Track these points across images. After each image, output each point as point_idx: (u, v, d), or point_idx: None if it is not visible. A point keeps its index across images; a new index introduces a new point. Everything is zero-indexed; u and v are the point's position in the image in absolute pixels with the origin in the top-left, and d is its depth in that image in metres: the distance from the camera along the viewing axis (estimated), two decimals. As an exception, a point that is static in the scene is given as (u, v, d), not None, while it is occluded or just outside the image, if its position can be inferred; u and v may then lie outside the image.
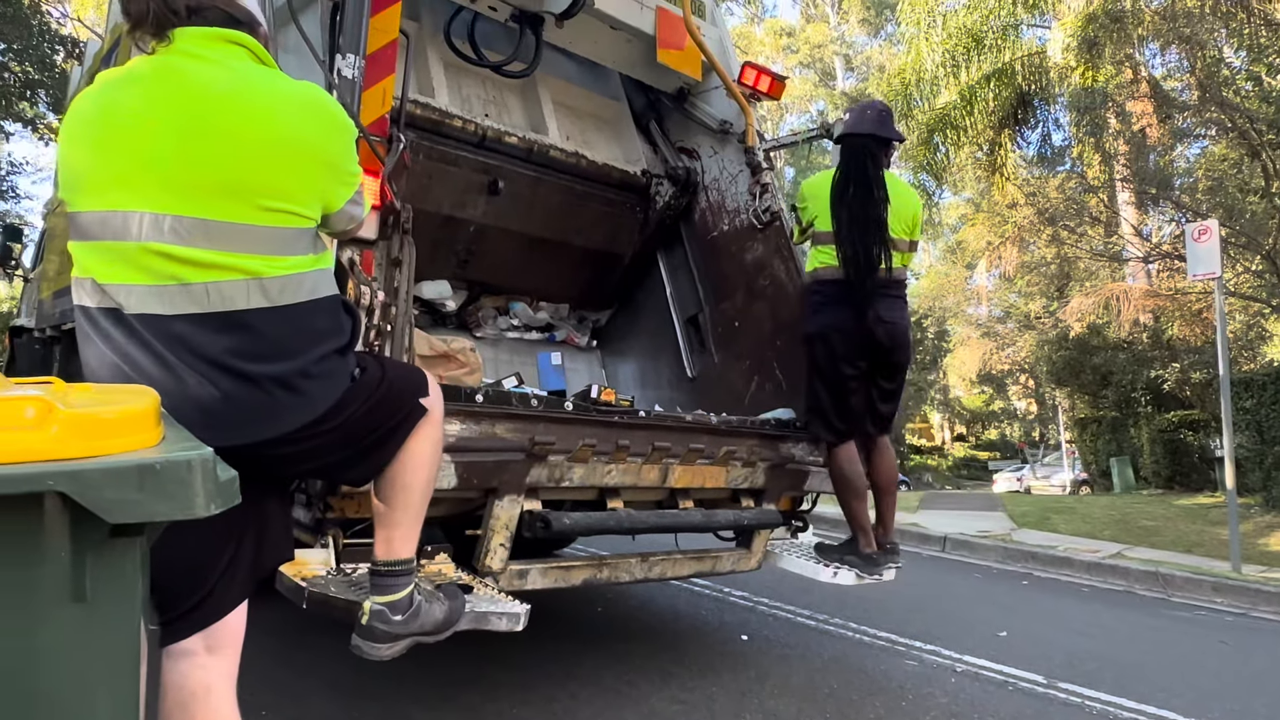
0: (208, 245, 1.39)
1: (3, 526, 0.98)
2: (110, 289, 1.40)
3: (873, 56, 34.13)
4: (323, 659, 3.11)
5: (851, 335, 3.19)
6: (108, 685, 1.10)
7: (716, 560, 3.35)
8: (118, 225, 1.39)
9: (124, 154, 1.39)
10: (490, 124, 3.85)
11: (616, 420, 2.81)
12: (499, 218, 4.18)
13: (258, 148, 1.42)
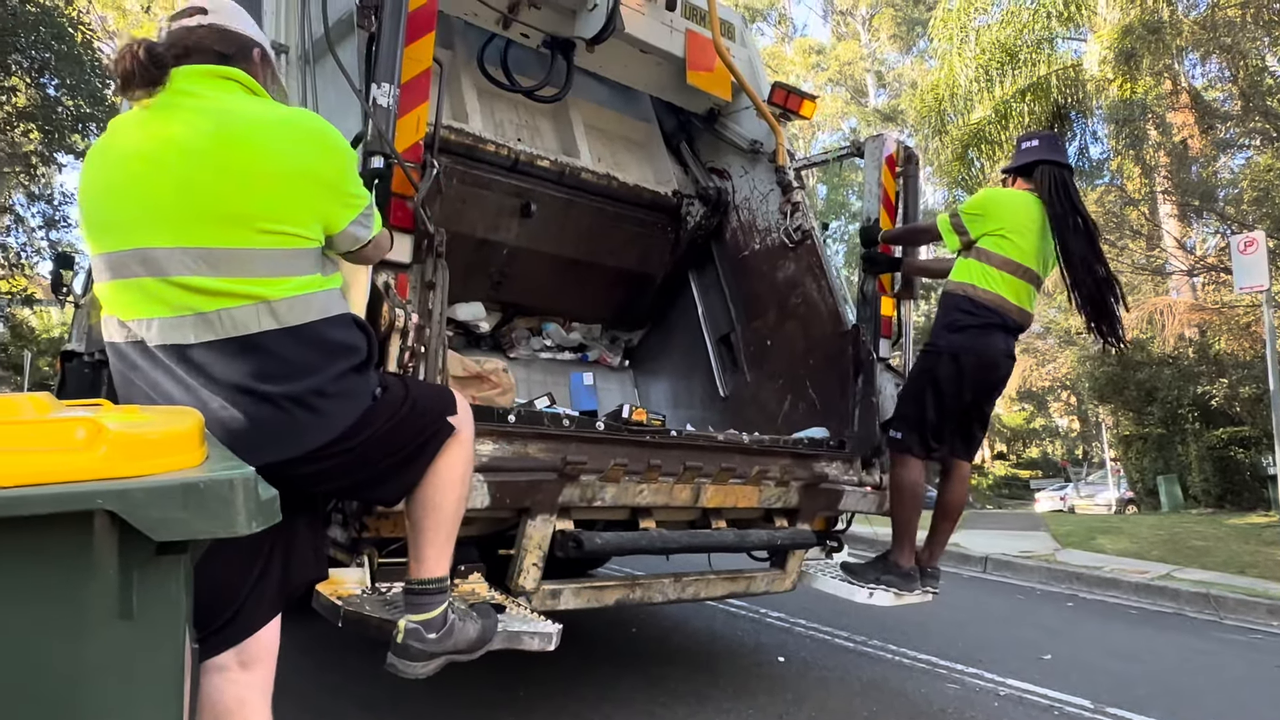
0: (214, 273, 1.46)
1: (54, 544, 1.01)
2: (133, 324, 1.49)
3: (904, 73, 34.02)
4: (355, 679, 3.13)
5: (985, 366, 3.16)
6: (154, 702, 1.12)
7: (750, 581, 3.31)
8: (133, 263, 1.47)
9: (131, 196, 1.47)
10: (523, 148, 3.88)
11: (648, 440, 2.82)
12: (532, 240, 4.21)
13: (251, 176, 1.48)
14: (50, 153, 13.57)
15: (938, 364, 3.18)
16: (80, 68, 11.21)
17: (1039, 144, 3.37)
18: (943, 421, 3.19)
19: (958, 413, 3.20)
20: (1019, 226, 3.16)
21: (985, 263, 3.17)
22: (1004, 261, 3.14)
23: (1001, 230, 3.16)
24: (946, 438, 3.23)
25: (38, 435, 1.04)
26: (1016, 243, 3.14)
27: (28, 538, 1.00)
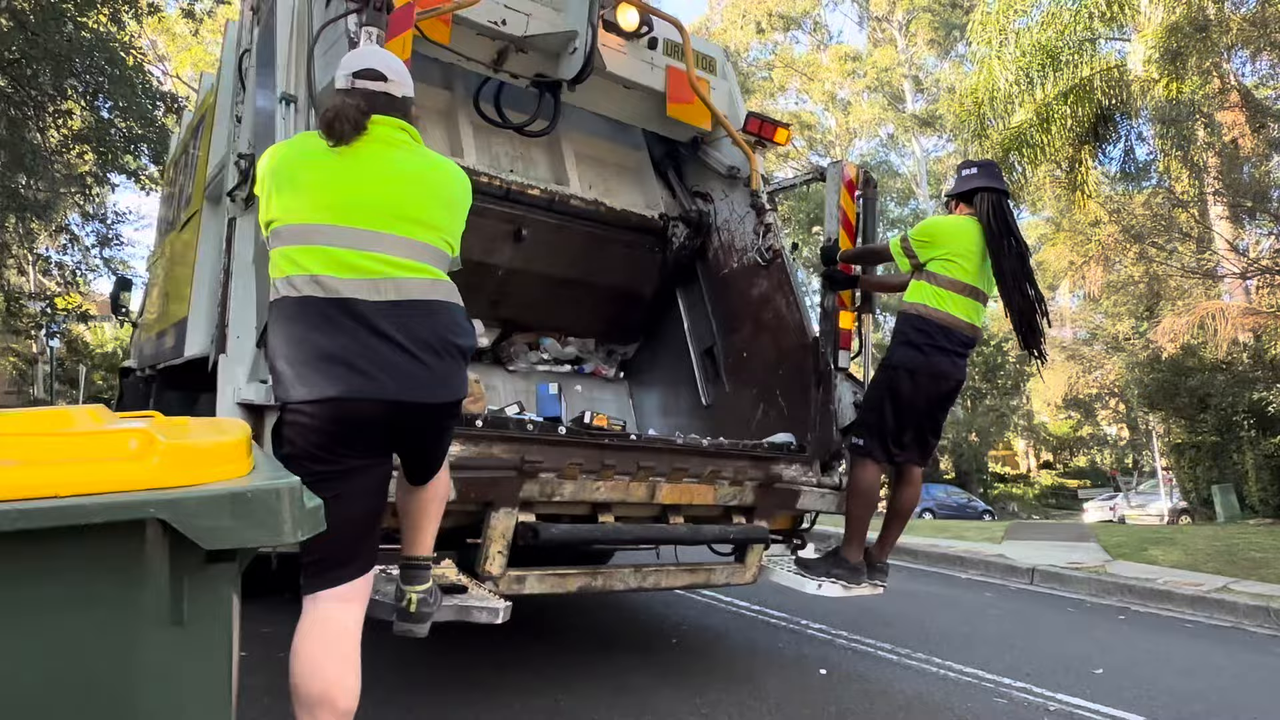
0: (403, 255, 1.97)
1: (108, 551, 1.04)
2: (324, 280, 1.90)
3: (942, 78, 33.64)
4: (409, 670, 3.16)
5: (938, 379, 3.45)
6: (203, 707, 1.14)
7: (711, 573, 3.60)
8: (343, 236, 1.93)
9: (341, 193, 1.97)
10: (514, 178, 4.23)
11: (605, 442, 3.11)
12: (525, 262, 4.53)
13: (437, 197, 2.09)
14: (104, 173, 14.00)
15: (895, 377, 3.47)
16: (132, 91, 11.55)
17: (979, 172, 3.65)
18: (901, 429, 3.48)
19: (914, 422, 3.50)
20: (963, 250, 3.46)
21: (935, 284, 3.47)
22: (951, 283, 3.44)
23: (947, 254, 3.46)
24: (905, 444, 3.51)
25: (93, 446, 1.07)
26: (962, 265, 3.44)
27: (84, 545, 1.03)
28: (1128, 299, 21.43)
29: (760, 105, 37.38)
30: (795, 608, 5.21)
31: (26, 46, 10.72)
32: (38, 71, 11.13)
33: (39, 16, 10.56)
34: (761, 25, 36.47)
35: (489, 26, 3.79)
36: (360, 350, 1.88)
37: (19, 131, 11.67)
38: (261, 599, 4.26)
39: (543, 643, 3.95)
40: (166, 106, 12.64)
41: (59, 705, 1.04)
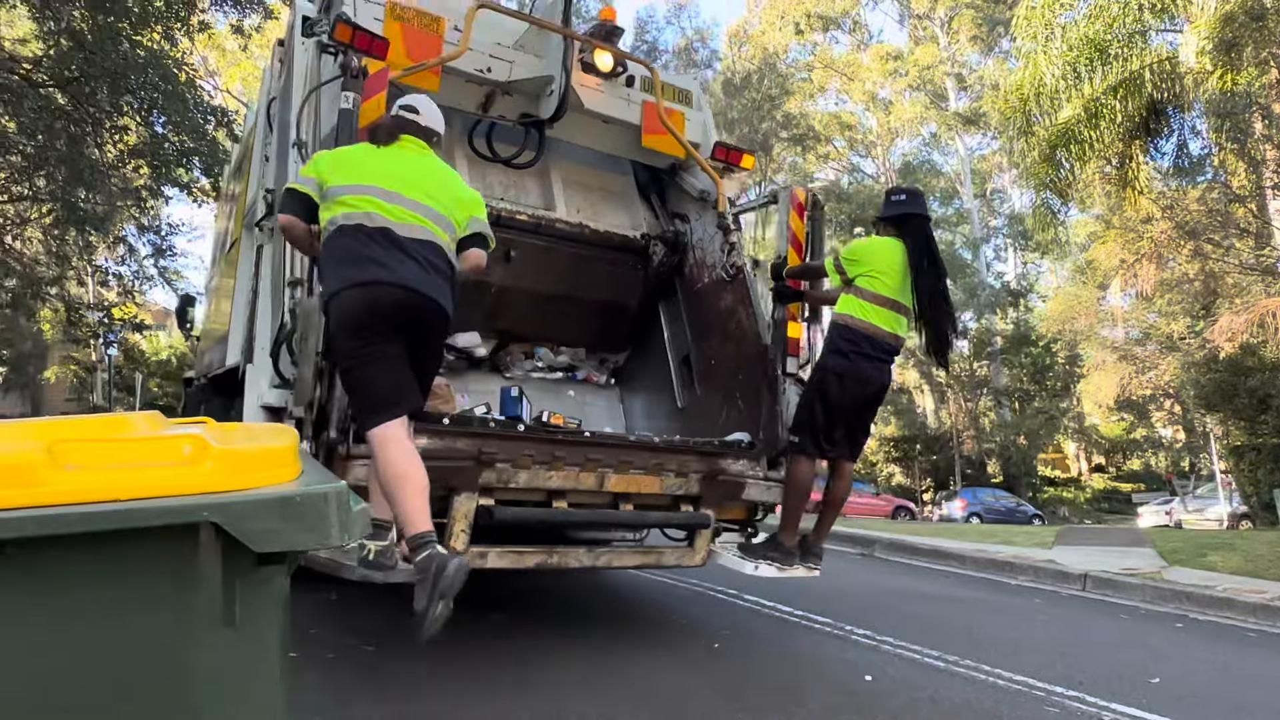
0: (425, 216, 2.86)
1: (165, 554, 1.07)
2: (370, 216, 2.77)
3: (986, 75, 33.08)
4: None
5: (862, 382, 3.86)
6: (256, 707, 1.17)
7: (661, 555, 4.07)
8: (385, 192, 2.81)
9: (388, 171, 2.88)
10: (503, 205, 4.75)
11: (558, 438, 3.59)
12: (516, 279, 5.00)
13: (442, 186, 2.98)
14: (158, 187, 14.42)
15: (824, 380, 3.88)
16: (184, 106, 11.89)
17: (907, 199, 4.09)
18: (832, 427, 3.86)
19: (843, 420, 3.90)
20: (887, 268, 3.88)
21: (860, 298, 3.89)
22: (874, 296, 3.86)
23: (872, 271, 3.88)
24: (836, 440, 3.91)
25: (149, 451, 1.11)
26: (885, 281, 3.86)
27: (142, 548, 1.06)
28: (1182, 297, 20.82)
29: (799, 106, 37.16)
30: (839, 613, 5.15)
31: (85, 65, 11.09)
32: (95, 89, 11.51)
33: (96, 36, 10.92)
34: (800, 26, 36.24)
35: (476, 74, 4.34)
36: (388, 257, 2.73)
37: (78, 147, 12.07)
38: (308, 601, 4.35)
39: (582, 646, 3.96)
40: (217, 121, 12.98)
41: (121, 705, 1.07)
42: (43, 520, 1.00)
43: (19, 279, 16.06)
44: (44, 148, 11.85)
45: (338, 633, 3.75)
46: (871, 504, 25.01)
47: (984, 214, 35.31)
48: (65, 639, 1.04)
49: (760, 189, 37.57)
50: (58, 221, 14.34)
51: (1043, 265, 38.99)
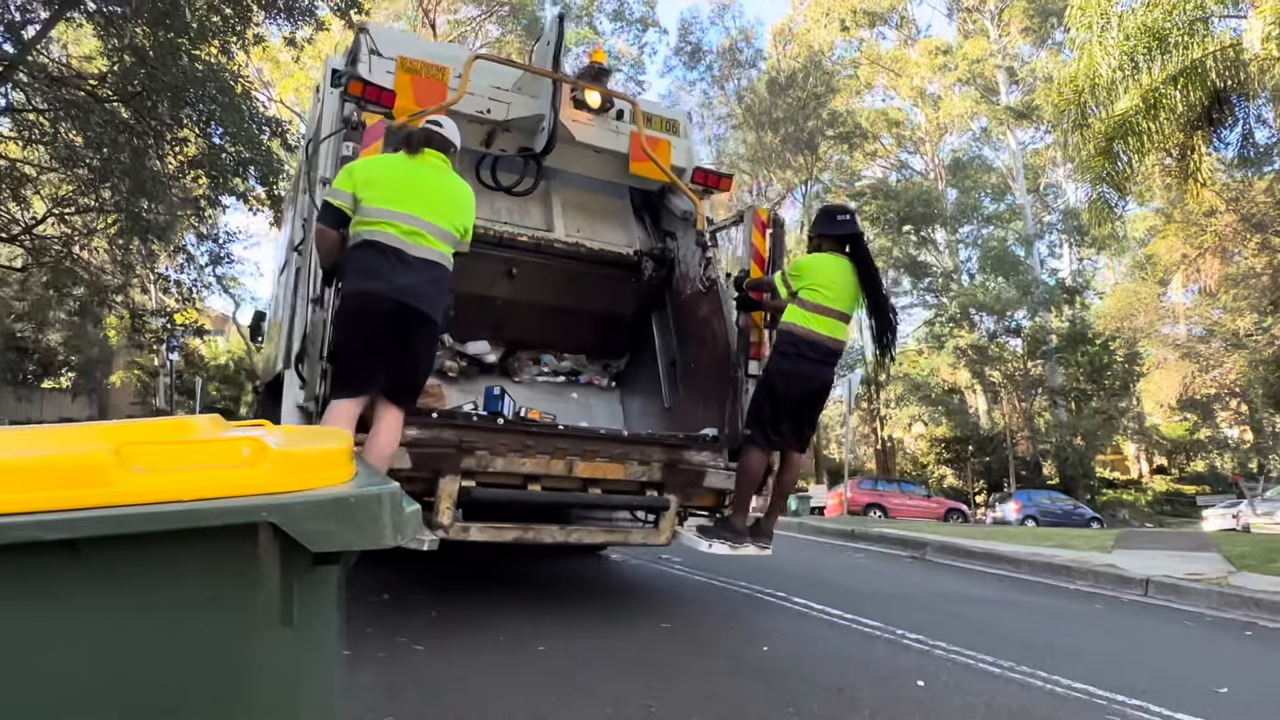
0: (437, 239, 3.48)
1: (226, 554, 1.10)
2: (386, 236, 3.38)
3: (1038, 67, 32.33)
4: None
5: (806, 381, 4.39)
6: (312, 705, 1.20)
7: (628, 534, 4.59)
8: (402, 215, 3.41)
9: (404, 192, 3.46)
10: (506, 228, 5.32)
11: (532, 429, 4.16)
12: (518, 293, 5.61)
13: (451, 202, 3.57)
14: (216, 196, 14.85)
15: (771, 380, 4.40)
16: (241, 117, 12.23)
17: (850, 219, 4.65)
18: (779, 421, 4.36)
19: (789, 415, 4.39)
20: (827, 281, 4.40)
21: (803, 308, 4.38)
22: (815, 306, 4.36)
23: (813, 284, 4.39)
24: (783, 433, 4.40)
25: (210, 453, 1.14)
26: (825, 293, 4.38)
27: (203, 548, 1.09)
28: (1249, 292, 20.07)
29: (845, 104, 36.75)
30: (890, 616, 5.07)
31: (147, 80, 11.48)
32: (157, 103, 11.91)
33: (157, 51, 11.29)
34: (846, 23, 35.85)
35: (477, 115, 4.93)
36: (392, 272, 3.34)
37: (141, 160, 12.49)
38: (361, 602, 4.43)
39: (632, 645, 3.97)
40: (271, 131, 13.32)
41: (184, 700, 1.10)
42: (112, 520, 1.03)
43: (86, 287, 16.69)
44: (109, 161, 12.28)
45: (389, 633, 3.82)
46: (923, 506, 24.61)
47: (1037, 209, 34.49)
48: (131, 635, 1.08)
49: (806, 188, 37.27)
50: (122, 231, 14.87)
51: (1099, 261, 37.97)
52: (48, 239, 15.88)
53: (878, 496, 24.84)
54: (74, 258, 16.10)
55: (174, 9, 11.26)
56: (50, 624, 1.05)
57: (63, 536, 1.01)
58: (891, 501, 24.61)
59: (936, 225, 32.99)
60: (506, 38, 31.57)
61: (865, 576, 7.54)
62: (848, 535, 11.67)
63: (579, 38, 32.83)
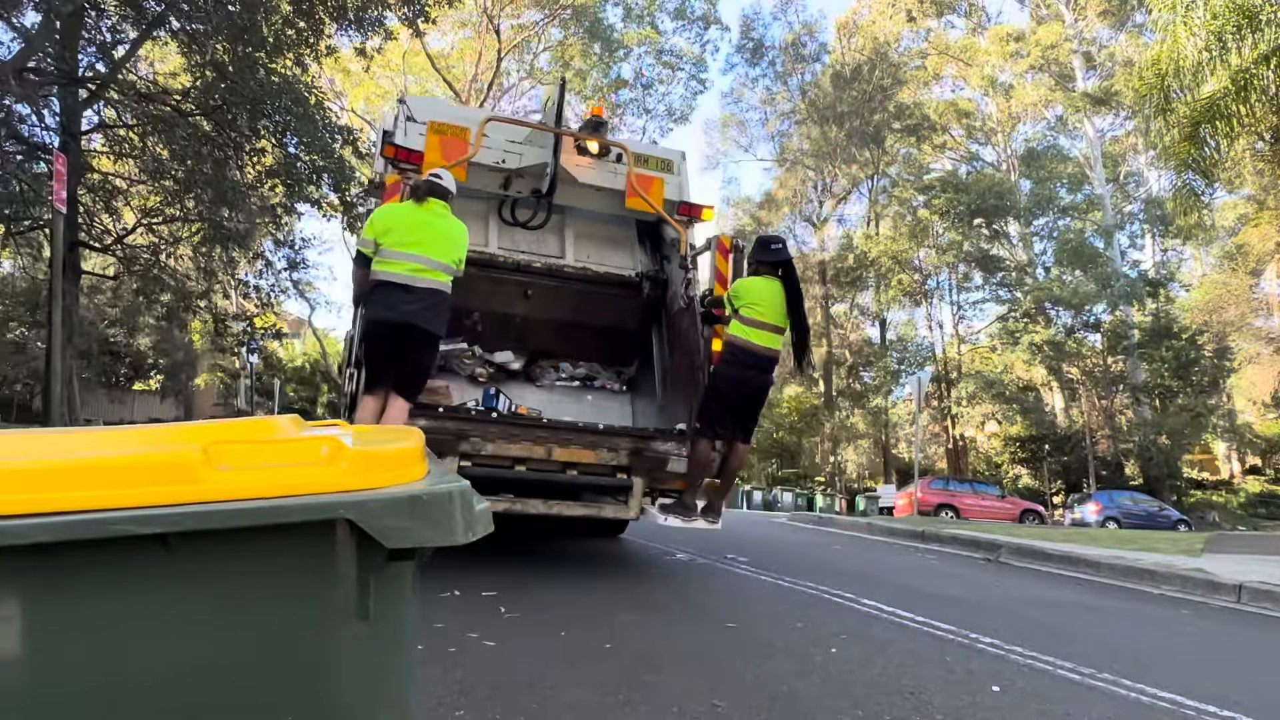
0: (439, 271, 4.56)
1: (304, 549, 1.13)
2: (396, 275, 4.51)
3: (1117, 51, 31.09)
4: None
5: (745, 384, 5.32)
6: (388, 697, 1.23)
7: (601, 508, 5.45)
8: (410, 255, 4.53)
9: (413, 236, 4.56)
10: (522, 256, 6.36)
11: (520, 421, 5.34)
12: (535, 311, 6.71)
13: (450, 241, 4.64)
14: (292, 203, 15.38)
15: (716, 383, 5.35)
16: (315, 127, 12.64)
17: (782, 248, 5.49)
18: (723, 416, 5.26)
19: (732, 412, 5.30)
20: (762, 299, 5.26)
21: (743, 323, 5.25)
22: (753, 321, 5.24)
23: (750, 303, 5.25)
24: (727, 426, 5.31)
25: (290, 452, 1.18)
26: (760, 310, 5.25)
27: (284, 543, 1.13)
28: (1350, 282, 18.90)
29: (913, 96, 36.00)
30: (962, 619, 4.95)
31: (227, 94, 11.95)
32: (236, 115, 12.39)
33: (236, 66, 11.74)
34: (913, 13, 35.09)
35: (494, 165, 6.05)
36: (399, 302, 4.47)
37: (222, 170, 13.02)
38: (432, 598, 4.53)
39: (697, 645, 3.96)
40: (343, 139, 13.73)
41: (266, 691, 1.14)
42: (200, 515, 1.08)
43: (173, 294, 17.46)
44: (193, 172, 12.84)
45: (459, 628, 3.89)
46: (996, 507, 23.94)
47: (1117, 199, 33.15)
48: (217, 626, 1.12)
49: (872, 182, 36.59)
50: (205, 239, 15.52)
51: (1185, 252, 36.30)
52: (137, 248, 16.68)
53: (949, 497, 24.25)
54: (161, 265, 16.87)
55: (251, 25, 11.70)
56: (142, 615, 1.10)
57: (156, 531, 1.06)
58: (964, 502, 24.00)
59: (1009, 218, 32.02)
60: (569, 40, 31.84)
61: (936, 578, 7.36)
62: (918, 536, 11.42)
63: (641, 38, 32.90)
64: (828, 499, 31.14)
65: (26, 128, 12.91)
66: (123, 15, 12.82)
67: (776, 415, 39.33)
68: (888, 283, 34.82)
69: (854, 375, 38.58)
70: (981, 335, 36.20)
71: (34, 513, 1.04)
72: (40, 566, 1.06)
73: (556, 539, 7.63)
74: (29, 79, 10.33)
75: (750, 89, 40.72)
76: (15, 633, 1.06)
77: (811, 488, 35.29)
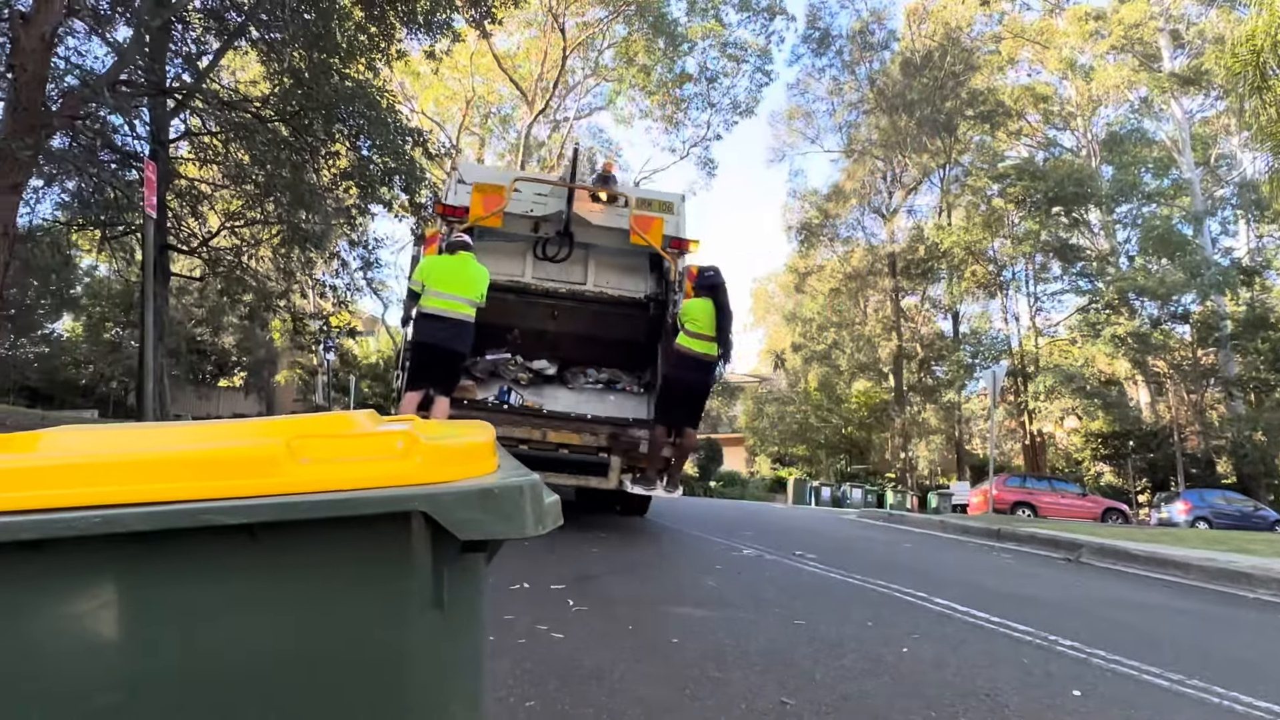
0: (466, 305, 6.56)
1: (381, 541, 1.17)
2: (434, 309, 6.51)
3: (1207, 28, 29.56)
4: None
5: (684, 382, 6.83)
6: (461, 683, 1.26)
7: (587, 480, 6.93)
8: (445, 294, 6.52)
9: (449, 279, 6.56)
10: (549, 284, 8.05)
11: (524, 411, 7.16)
12: (562, 327, 8.42)
13: (476, 281, 6.64)
14: (365, 205, 15.80)
15: (666, 383, 6.98)
16: (386, 129, 12.96)
17: (715, 274, 6.85)
18: (672, 409, 6.89)
19: (678, 405, 6.88)
20: (700, 316, 6.71)
21: (686, 335, 6.74)
22: (692, 334, 6.71)
23: (690, 319, 6.75)
24: (677, 417, 6.89)
25: (367, 446, 1.22)
26: (699, 323, 6.71)
27: (361, 534, 1.17)
28: None
29: (986, 81, 34.94)
30: (1041, 621, 4.80)
31: (304, 100, 12.34)
32: (312, 120, 12.79)
33: (312, 72, 12.12)
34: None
35: (525, 214, 7.71)
36: (438, 330, 6.42)
37: (299, 174, 13.46)
38: (501, 590, 4.61)
39: (765, 641, 3.94)
40: (414, 141, 14.04)
41: (346, 676, 1.18)
42: (284, 506, 1.12)
43: (254, 294, 18.14)
44: (272, 176, 13.31)
45: (529, 621, 3.95)
46: (1077, 505, 23.12)
47: (1207, 184, 31.57)
48: (299, 614, 1.17)
49: (944, 172, 35.66)
50: (284, 241, 16.08)
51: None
52: (221, 250, 17.39)
53: (1026, 494, 23.52)
54: (243, 267, 17.56)
55: (326, 31, 12.06)
56: (229, 602, 1.15)
57: (242, 521, 1.11)
58: (1042, 500, 23.24)
59: (1090, 205, 30.79)
60: (633, 35, 31.88)
61: (1013, 578, 7.15)
62: (993, 535, 11.11)
63: (705, 31, 32.73)
64: (898, 495, 30.55)
65: (119, 137, 13.60)
66: (206, 27, 13.37)
67: (845, 410, 38.73)
68: (960, 274, 33.90)
69: (925, 369, 37.70)
70: (1060, 327, 34.94)
71: (132, 503, 1.10)
72: (137, 555, 1.12)
73: (622, 532, 7.69)
74: (122, 91, 10.87)
75: (817, 79, 40.11)
76: (114, 617, 1.12)
77: (881, 484, 34.66)
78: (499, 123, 36.88)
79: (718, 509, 14.84)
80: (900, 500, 29.87)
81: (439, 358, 6.45)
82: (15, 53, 9.11)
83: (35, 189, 14.71)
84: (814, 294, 41.95)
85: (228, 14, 12.86)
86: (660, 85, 33.57)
